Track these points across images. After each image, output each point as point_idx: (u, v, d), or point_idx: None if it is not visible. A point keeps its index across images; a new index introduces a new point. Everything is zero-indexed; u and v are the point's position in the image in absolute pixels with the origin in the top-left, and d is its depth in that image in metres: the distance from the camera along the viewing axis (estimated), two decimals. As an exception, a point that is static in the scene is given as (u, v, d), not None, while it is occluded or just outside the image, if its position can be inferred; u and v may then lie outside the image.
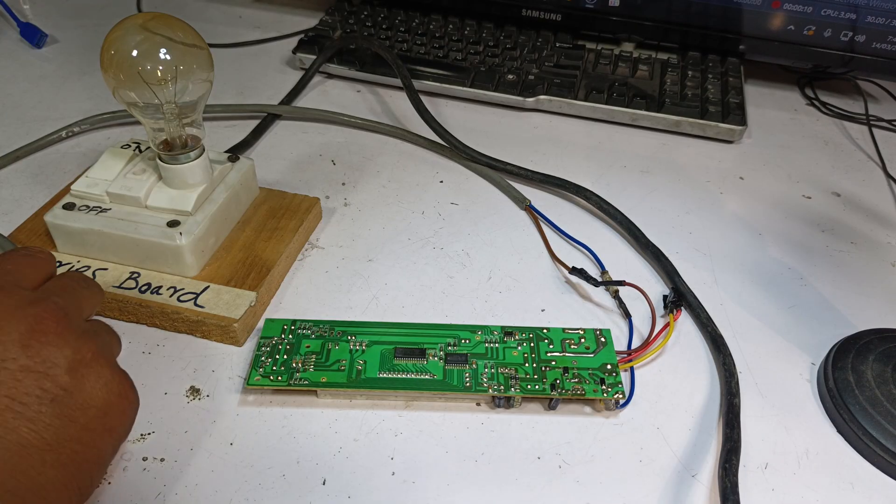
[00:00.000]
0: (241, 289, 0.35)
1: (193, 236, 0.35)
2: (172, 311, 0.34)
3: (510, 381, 0.32)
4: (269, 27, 0.66)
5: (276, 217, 0.40)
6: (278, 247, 0.38)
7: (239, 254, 0.37)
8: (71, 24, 0.65)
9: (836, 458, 0.31)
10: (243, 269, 0.36)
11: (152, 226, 0.35)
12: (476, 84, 0.55)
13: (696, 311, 0.37)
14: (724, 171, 0.50)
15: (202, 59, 0.34)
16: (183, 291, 0.35)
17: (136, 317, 0.35)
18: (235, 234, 0.39)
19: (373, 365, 0.32)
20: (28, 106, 0.53)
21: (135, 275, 0.36)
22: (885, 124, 0.57)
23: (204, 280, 0.36)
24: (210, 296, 0.35)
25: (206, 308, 0.34)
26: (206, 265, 0.37)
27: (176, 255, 0.35)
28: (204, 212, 0.36)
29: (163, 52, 0.33)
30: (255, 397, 0.32)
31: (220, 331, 0.34)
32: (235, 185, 0.38)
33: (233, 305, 0.34)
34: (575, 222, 0.44)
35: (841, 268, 0.42)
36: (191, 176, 0.36)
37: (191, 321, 0.34)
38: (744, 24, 0.56)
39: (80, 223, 0.35)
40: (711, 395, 0.34)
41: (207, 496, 0.28)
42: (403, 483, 0.29)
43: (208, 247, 0.37)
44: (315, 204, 0.42)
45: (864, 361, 0.33)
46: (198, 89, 0.34)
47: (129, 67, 0.32)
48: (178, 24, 0.34)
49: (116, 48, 0.32)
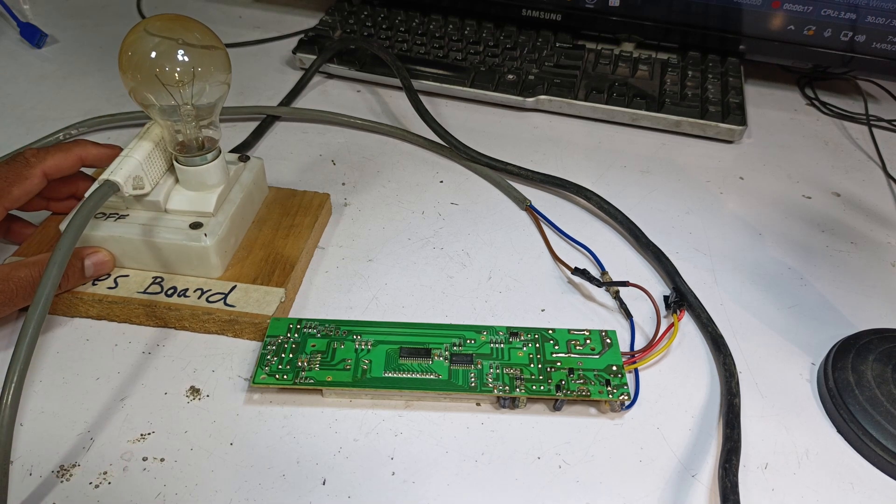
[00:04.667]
0: (268, 286, 0.36)
1: (217, 237, 0.35)
2: (203, 313, 0.34)
3: (515, 381, 0.32)
4: (269, 27, 0.66)
5: (290, 215, 0.41)
6: (298, 243, 0.39)
7: (260, 252, 0.38)
8: (71, 24, 0.65)
9: (836, 458, 0.31)
10: (267, 266, 0.37)
11: (175, 229, 0.35)
12: (476, 84, 0.55)
13: (696, 311, 0.37)
14: (724, 171, 0.50)
15: (219, 62, 0.34)
16: (211, 292, 0.35)
17: (164, 321, 0.35)
18: (253, 234, 0.39)
19: (378, 364, 0.32)
20: (28, 106, 0.53)
21: (158, 279, 0.36)
22: (885, 124, 0.57)
23: (229, 280, 0.36)
24: (239, 295, 0.35)
25: (238, 307, 0.34)
26: (230, 266, 0.37)
27: (201, 257, 0.35)
28: (224, 212, 0.36)
29: (180, 53, 0.33)
30: (255, 397, 0.32)
31: (254, 328, 0.34)
32: (249, 184, 0.39)
33: (263, 302, 0.35)
34: (575, 222, 0.44)
35: (841, 268, 0.42)
36: (210, 177, 0.36)
37: (223, 321, 0.34)
38: (744, 24, 0.56)
39: (101, 231, 0.35)
40: (711, 395, 0.34)
41: (207, 496, 0.28)
42: (403, 483, 0.29)
43: (230, 247, 0.37)
44: (326, 200, 0.42)
45: (864, 361, 0.33)
46: (215, 91, 0.34)
47: (147, 69, 0.32)
48: (197, 26, 0.34)
49: (134, 50, 0.32)
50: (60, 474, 0.29)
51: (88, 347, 0.34)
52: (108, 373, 0.33)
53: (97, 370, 0.33)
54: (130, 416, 0.31)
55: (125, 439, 0.30)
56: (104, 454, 0.30)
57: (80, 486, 0.28)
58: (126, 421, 0.31)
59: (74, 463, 0.29)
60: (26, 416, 0.31)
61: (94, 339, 0.35)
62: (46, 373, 0.33)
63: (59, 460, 0.29)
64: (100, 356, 0.34)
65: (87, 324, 0.35)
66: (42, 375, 0.33)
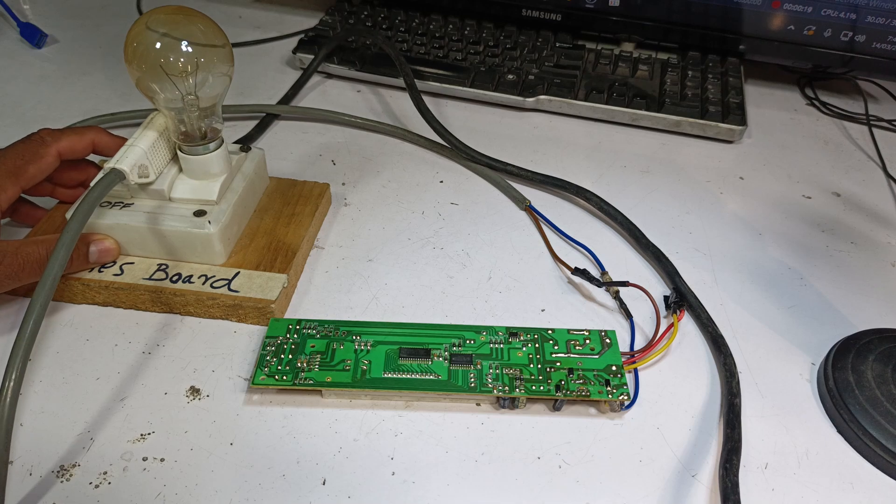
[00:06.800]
0: (271, 272, 0.36)
1: (221, 224, 0.36)
2: (208, 298, 0.35)
3: (515, 381, 0.32)
4: (269, 27, 0.66)
5: (290, 204, 0.41)
6: (299, 231, 0.39)
7: (262, 240, 0.39)
8: (71, 24, 0.65)
9: (836, 458, 0.31)
10: (269, 253, 0.38)
11: (179, 216, 0.36)
12: (476, 84, 0.55)
13: (696, 311, 0.37)
14: (724, 171, 0.50)
15: (223, 53, 0.35)
16: (215, 278, 0.36)
17: (169, 306, 0.36)
18: (255, 223, 0.40)
19: (378, 365, 0.32)
20: (28, 106, 0.53)
21: (163, 266, 0.37)
22: (885, 124, 0.57)
23: (233, 266, 0.37)
24: (242, 280, 0.36)
25: (241, 292, 0.35)
26: (233, 253, 0.38)
27: (205, 244, 0.36)
28: (227, 200, 0.37)
29: (184, 45, 0.33)
30: (255, 397, 0.32)
31: (257, 313, 0.35)
32: (251, 174, 0.40)
33: (266, 288, 0.35)
34: (575, 223, 0.44)
35: (841, 268, 0.42)
36: (213, 166, 0.36)
37: (227, 306, 0.35)
38: (744, 24, 0.56)
39: (106, 219, 0.36)
40: (711, 395, 0.34)
41: (207, 496, 0.28)
42: (403, 483, 0.29)
43: (233, 234, 0.38)
44: (326, 189, 0.43)
45: (864, 361, 0.33)
46: (218, 82, 0.35)
47: (152, 60, 0.33)
48: (200, 18, 0.34)
49: (139, 41, 0.33)
50: (60, 474, 0.29)
51: (88, 347, 0.34)
52: (108, 373, 0.33)
53: (97, 370, 0.33)
54: (130, 416, 0.31)
55: (125, 439, 0.30)
56: (104, 454, 0.30)
57: (80, 486, 0.28)
58: (126, 421, 0.31)
59: (74, 463, 0.29)
60: (26, 416, 0.31)
61: (94, 339, 0.35)
62: (46, 373, 0.33)
63: (59, 460, 0.29)
64: (100, 356, 0.34)
65: (88, 323, 0.35)
66: (42, 375, 0.33)
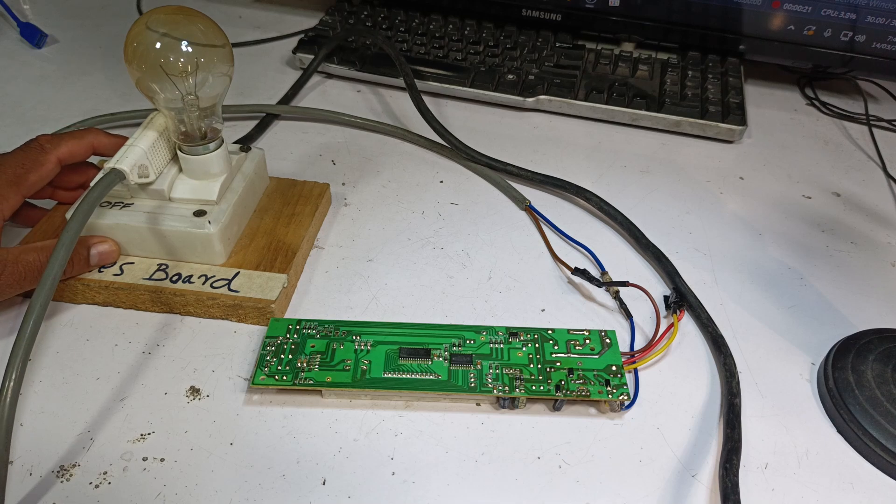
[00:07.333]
0: (271, 272, 0.36)
1: (221, 224, 0.36)
2: (208, 298, 0.35)
3: (515, 381, 0.32)
4: (269, 27, 0.66)
5: (290, 204, 0.41)
6: (299, 231, 0.39)
7: (262, 240, 0.38)
8: (71, 24, 0.65)
9: (836, 458, 0.31)
10: (269, 253, 0.38)
11: (179, 216, 0.36)
12: (476, 84, 0.55)
13: (696, 311, 0.37)
14: (724, 171, 0.50)
15: (223, 53, 0.35)
16: (215, 278, 0.36)
17: (169, 306, 0.36)
18: (255, 223, 0.40)
19: (378, 365, 0.32)
20: (28, 106, 0.53)
21: (163, 266, 0.37)
22: (885, 124, 0.57)
23: (233, 267, 0.37)
24: (242, 280, 0.36)
25: (241, 292, 0.35)
26: (233, 253, 0.38)
27: (205, 244, 0.36)
28: (227, 200, 0.37)
29: (184, 45, 0.33)
30: (255, 397, 0.32)
31: (257, 313, 0.35)
32: (251, 174, 0.39)
33: (266, 288, 0.35)
34: (575, 223, 0.44)
35: (841, 268, 0.42)
36: (213, 166, 0.36)
37: (227, 306, 0.35)
38: (744, 24, 0.56)
39: (106, 219, 0.36)
40: (711, 395, 0.34)
41: (207, 496, 0.28)
42: (403, 483, 0.29)
43: (233, 234, 0.38)
44: (326, 189, 0.43)
45: (864, 361, 0.33)
46: (218, 82, 0.35)
47: (152, 60, 0.33)
48: (200, 18, 0.34)
49: (139, 41, 0.33)
50: (60, 474, 0.29)
51: (88, 347, 0.34)
52: (108, 373, 0.33)
53: (97, 370, 0.33)
54: (130, 416, 0.31)
55: (125, 439, 0.30)
56: (104, 454, 0.30)
57: (80, 486, 0.28)
58: (126, 421, 0.31)
59: (74, 463, 0.29)
60: (26, 416, 0.31)
61: (94, 339, 0.35)
62: (46, 373, 0.33)
63: (58, 460, 0.29)
64: (100, 356, 0.34)
65: (88, 323, 0.35)
66: (42, 375, 0.33)
